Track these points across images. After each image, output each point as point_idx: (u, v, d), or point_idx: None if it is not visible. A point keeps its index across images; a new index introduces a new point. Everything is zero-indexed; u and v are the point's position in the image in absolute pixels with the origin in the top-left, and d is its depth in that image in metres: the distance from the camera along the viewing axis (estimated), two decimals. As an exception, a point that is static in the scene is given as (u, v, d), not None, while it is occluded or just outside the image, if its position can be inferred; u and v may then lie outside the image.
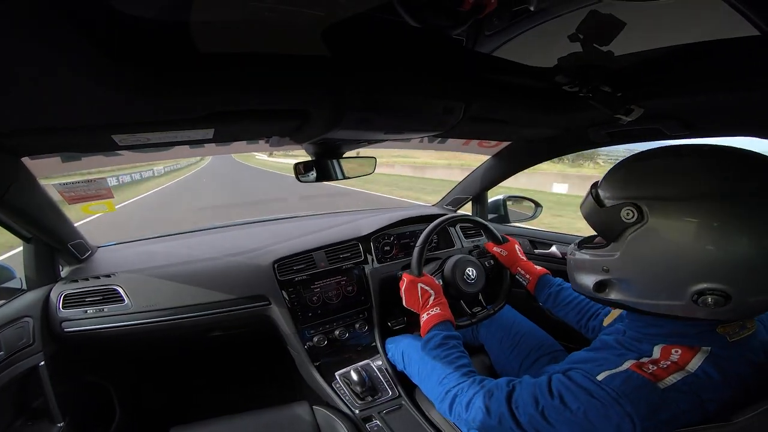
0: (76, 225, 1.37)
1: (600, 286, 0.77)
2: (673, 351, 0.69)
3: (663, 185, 0.68)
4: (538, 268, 1.36)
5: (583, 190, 0.80)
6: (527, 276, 1.35)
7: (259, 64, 0.65)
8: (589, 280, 0.79)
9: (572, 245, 0.87)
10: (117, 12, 0.48)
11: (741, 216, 0.60)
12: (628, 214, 0.69)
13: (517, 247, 1.44)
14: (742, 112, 0.92)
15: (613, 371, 0.68)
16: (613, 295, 0.76)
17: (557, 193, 11.03)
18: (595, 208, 0.76)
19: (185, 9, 0.51)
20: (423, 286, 1.18)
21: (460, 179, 2.11)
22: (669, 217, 0.65)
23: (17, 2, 0.41)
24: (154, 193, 13.87)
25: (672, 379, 0.64)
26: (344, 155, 1.22)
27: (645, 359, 0.70)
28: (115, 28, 0.52)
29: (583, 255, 0.81)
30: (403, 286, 1.23)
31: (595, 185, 0.79)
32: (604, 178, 0.78)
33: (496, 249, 1.46)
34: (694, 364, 0.66)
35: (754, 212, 0.60)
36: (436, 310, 1.12)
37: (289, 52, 0.67)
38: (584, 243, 0.85)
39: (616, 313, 0.97)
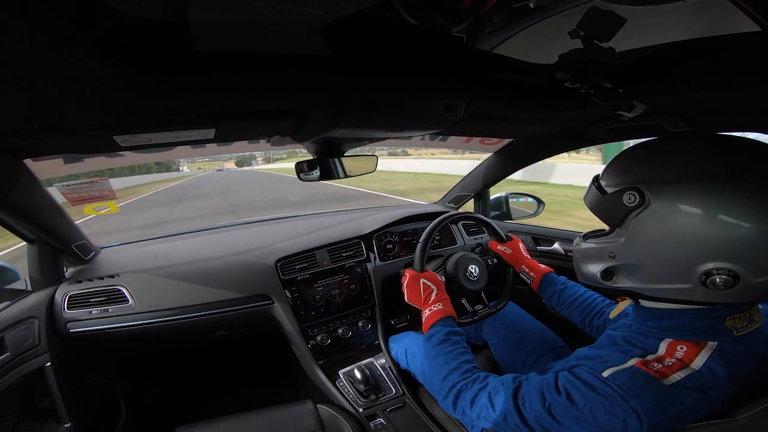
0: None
1: (607, 273, 0.77)
2: (678, 347, 0.68)
3: (663, 169, 0.68)
4: (542, 266, 1.35)
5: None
6: (531, 274, 1.34)
7: (258, 63, 0.65)
8: (595, 269, 0.79)
9: (577, 238, 0.87)
10: (116, 12, 0.48)
11: (743, 195, 0.60)
12: (629, 198, 0.69)
13: (521, 245, 1.43)
14: (745, 108, 0.92)
15: (619, 368, 0.68)
16: (621, 282, 0.76)
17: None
18: (597, 196, 0.77)
19: (184, 9, 0.51)
20: (425, 281, 1.17)
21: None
22: (671, 199, 0.65)
23: (17, 4, 0.41)
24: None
25: (677, 376, 0.64)
26: (346, 153, 1.22)
27: (650, 356, 0.69)
28: (115, 29, 0.52)
29: (589, 244, 0.82)
30: (405, 282, 1.22)
31: (596, 177, 0.80)
32: (605, 168, 0.79)
33: (499, 247, 1.45)
34: (699, 361, 0.65)
35: (756, 192, 0.60)
36: (438, 306, 1.10)
37: (289, 52, 0.67)
38: (589, 235, 0.85)
39: (622, 305, 0.97)
